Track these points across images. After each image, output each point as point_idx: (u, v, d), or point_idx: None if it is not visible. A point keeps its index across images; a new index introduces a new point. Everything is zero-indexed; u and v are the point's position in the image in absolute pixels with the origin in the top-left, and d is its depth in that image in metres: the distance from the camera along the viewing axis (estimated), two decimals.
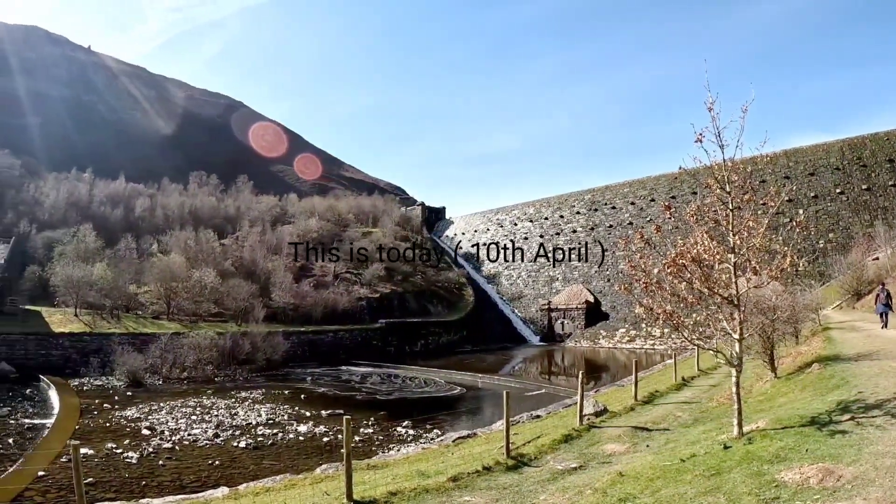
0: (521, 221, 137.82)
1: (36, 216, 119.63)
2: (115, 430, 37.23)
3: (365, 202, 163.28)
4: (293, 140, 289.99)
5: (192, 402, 46.86)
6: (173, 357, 63.69)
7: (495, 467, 15.66)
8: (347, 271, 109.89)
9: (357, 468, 15.56)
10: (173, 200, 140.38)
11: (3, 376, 59.58)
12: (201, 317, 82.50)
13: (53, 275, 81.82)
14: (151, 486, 25.64)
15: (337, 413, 41.66)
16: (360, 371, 70.51)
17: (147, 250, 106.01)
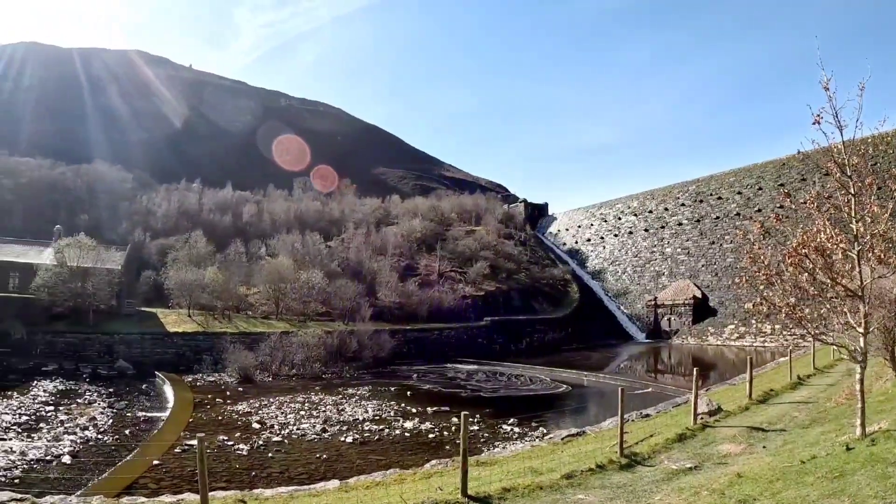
0: (625, 215, 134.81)
1: (149, 225, 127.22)
2: (227, 424, 38.36)
3: (467, 201, 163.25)
4: (391, 143, 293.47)
5: (301, 398, 47.88)
6: (282, 355, 65.34)
7: (609, 466, 15.26)
8: (452, 270, 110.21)
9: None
10: (279, 206, 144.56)
11: (122, 373, 63.04)
12: (309, 316, 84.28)
13: (167, 279, 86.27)
14: (261, 478, 26.29)
15: (443, 410, 41.78)
16: (465, 368, 70.60)
17: (255, 254, 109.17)
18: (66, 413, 41.45)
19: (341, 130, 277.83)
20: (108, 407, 44.33)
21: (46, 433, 35.12)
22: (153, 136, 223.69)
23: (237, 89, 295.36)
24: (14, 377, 57.51)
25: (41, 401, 46.03)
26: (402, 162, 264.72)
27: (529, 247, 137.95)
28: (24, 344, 68.78)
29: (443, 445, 32.04)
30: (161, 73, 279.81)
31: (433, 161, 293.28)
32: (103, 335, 71.53)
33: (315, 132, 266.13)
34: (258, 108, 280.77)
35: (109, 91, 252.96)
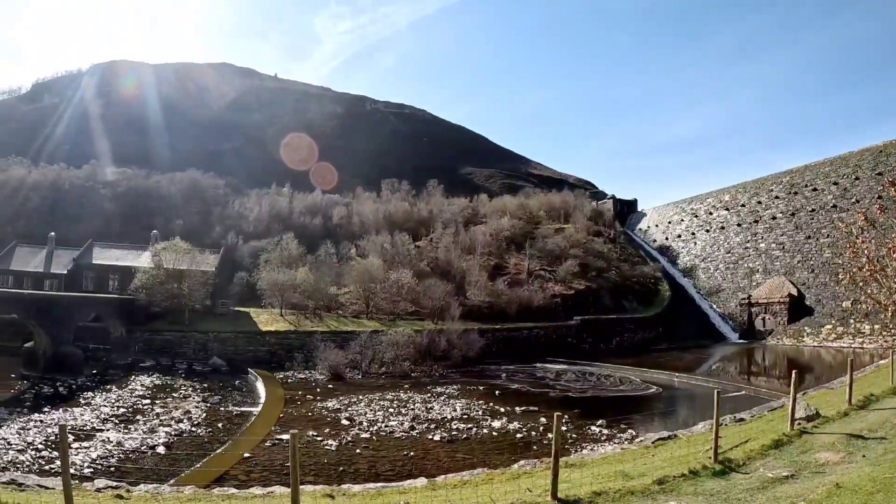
0: (717, 210, 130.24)
1: (241, 228, 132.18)
2: (317, 420, 38.96)
3: (555, 198, 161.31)
4: (477, 142, 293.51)
5: (390, 396, 48.32)
6: (372, 353, 66.07)
7: (702, 472, 14.68)
8: (541, 268, 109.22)
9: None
10: (367, 208, 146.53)
11: (216, 369, 65.26)
12: (399, 315, 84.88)
13: (260, 279, 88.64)
14: (348, 473, 26.61)
15: (531, 410, 41.41)
16: (554, 368, 69.79)
17: (345, 255, 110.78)
18: (162, 406, 42.97)
19: (427, 131, 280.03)
20: (202, 401, 45.85)
21: (143, 425, 36.44)
22: (243, 143, 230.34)
23: (322, 95, 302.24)
24: (113, 372, 60.31)
25: (138, 394, 47.95)
26: (488, 161, 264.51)
27: (619, 244, 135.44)
28: (123, 341, 72.00)
29: (530, 446, 31.71)
30: (248, 84, 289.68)
31: (520, 159, 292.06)
32: (198, 333, 74.13)
33: (401, 134, 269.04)
34: (344, 112, 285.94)
35: (199, 102, 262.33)
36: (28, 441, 31.84)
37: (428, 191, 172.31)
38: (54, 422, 36.32)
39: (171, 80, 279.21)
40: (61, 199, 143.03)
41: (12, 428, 34.52)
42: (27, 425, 35.28)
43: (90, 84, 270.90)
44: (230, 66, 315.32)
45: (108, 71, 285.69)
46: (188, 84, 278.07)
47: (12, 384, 52.11)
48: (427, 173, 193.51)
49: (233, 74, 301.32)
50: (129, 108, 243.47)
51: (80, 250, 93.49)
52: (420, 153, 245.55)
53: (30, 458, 28.79)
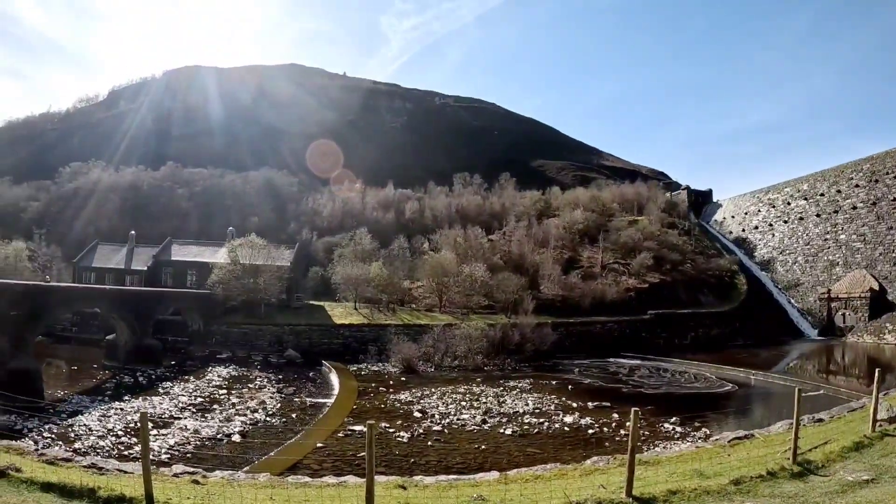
0: (795, 200, 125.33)
1: (315, 224, 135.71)
2: (389, 412, 39.34)
3: (628, 190, 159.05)
4: (548, 134, 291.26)
5: (462, 389, 48.39)
6: (445, 346, 66.22)
7: (779, 473, 14.21)
8: (615, 261, 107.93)
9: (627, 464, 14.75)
10: (440, 202, 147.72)
11: (291, 361, 66.50)
12: (472, 309, 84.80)
13: (334, 274, 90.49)
14: (419, 465, 26.81)
15: (603, 405, 40.93)
16: (627, 363, 68.83)
17: (419, 249, 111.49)
18: (238, 396, 44.07)
19: (497, 125, 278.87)
20: (277, 392, 46.85)
21: (219, 414, 37.44)
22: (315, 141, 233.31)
23: (392, 92, 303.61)
24: (191, 363, 62.31)
25: (215, 385, 49.34)
26: (559, 153, 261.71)
27: (694, 236, 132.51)
28: (201, 334, 74.32)
29: (602, 442, 31.40)
30: (318, 83, 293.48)
31: (591, 150, 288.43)
32: (274, 326, 75.88)
33: (471, 128, 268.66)
34: (414, 108, 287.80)
35: (271, 103, 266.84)
36: (108, 428, 33.10)
37: (500, 184, 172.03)
38: (134, 410, 37.61)
39: (243, 82, 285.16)
40: (140, 200, 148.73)
41: (94, 415, 35.96)
42: (108, 413, 36.66)
43: (164, 89, 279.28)
44: (299, 67, 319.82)
45: (181, 76, 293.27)
46: (259, 86, 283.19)
47: (95, 374, 54.45)
48: (499, 167, 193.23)
49: (303, 75, 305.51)
50: (202, 110, 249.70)
51: (160, 247, 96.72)
52: (491, 147, 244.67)
53: (109, 444, 29.91)
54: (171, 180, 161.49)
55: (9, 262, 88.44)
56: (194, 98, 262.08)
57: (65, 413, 36.89)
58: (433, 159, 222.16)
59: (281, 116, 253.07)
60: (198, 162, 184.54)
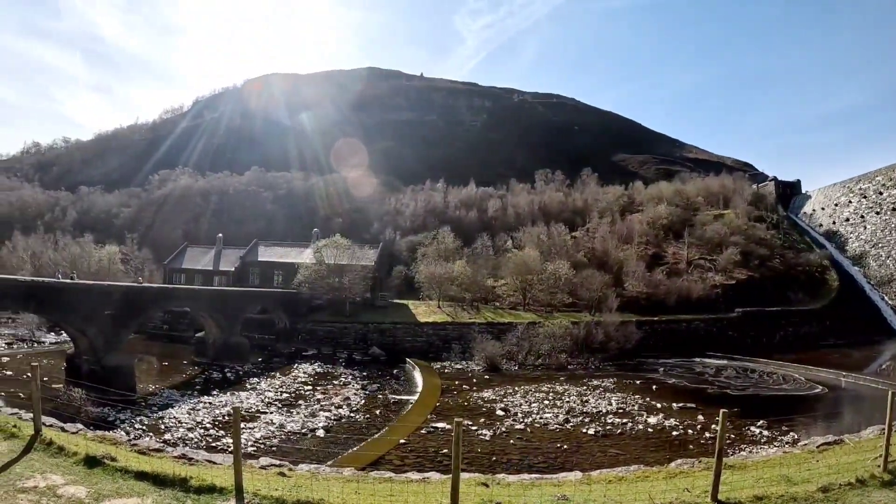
0: (887, 189, 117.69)
1: (398, 224, 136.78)
2: (472, 410, 39.62)
3: (713, 183, 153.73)
4: (629, 127, 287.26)
5: (545, 388, 48.27)
6: (528, 345, 66.18)
7: (869, 481, 13.68)
8: (700, 257, 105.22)
9: (713, 467, 14.48)
10: (522, 199, 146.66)
11: (375, 359, 67.68)
12: (555, 307, 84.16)
13: (417, 272, 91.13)
14: (500, 463, 26.95)
15: (688, 407, 40.25)
16: (713, 363, 67.28)
17: (502, 247, 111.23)
18: (323, 393, 45.05)
19: (577, 120, 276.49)
20: (361, 389, 47.71)
21: (304, 409, 38.40)
22: (396, 142, 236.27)
23: (469, 91, 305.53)
24: (278, 360, 64.05)
25: (301, 381, 50.52)
26: (641, 146, 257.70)
27: (782, 230, 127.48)
28: (287, 332, 76.16)
29: (686, 444, 30.96)
30: (396, 85, 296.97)
31: (674, 143, 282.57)
32: (358, 324, 77.18)
33: (551, 124, 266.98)
34: (492, 106, 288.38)
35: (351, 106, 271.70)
36: (197, 420, 34.41)
37: (582, 180, 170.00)
38: (222, 404, 39.00)
39: (323, 87, 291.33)
40: (226, 204, 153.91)
41: (183, 408, 37.47)
42: (196, 407, 38.14)
43: (244, 97, 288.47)
44: (377, 70, 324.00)
45: (261, 84, 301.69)
46: (337, 90, 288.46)
47: (184, 370, 56.59)
48: (580, 162, 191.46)
49: (380, 78, 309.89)
50: (282, 116, 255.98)
51: (246, 249, 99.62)
52: (571, 142, 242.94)
53: (198, 436, 31.13)
54: (256, 184, 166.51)
55: (103, 264, 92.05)
56: (274, 104, 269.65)
57: (155, 406, 38.58)
58: (514, 156, 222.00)
59: (360, 119, 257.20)
60: (281, 166, 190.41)
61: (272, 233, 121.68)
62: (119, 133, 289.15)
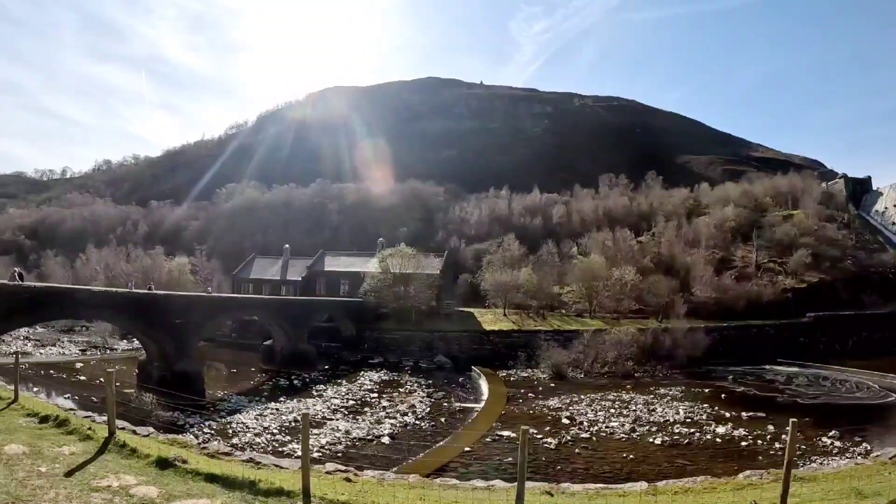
0: None
1: (463, 232, 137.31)
2: (537, 418, 39.52)
3: (780, 182, 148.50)
4: (693, 127, 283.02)
5: (612, 396, 47.87)
6: (595, 352, 65.48)
7: None
8: (770, 260, 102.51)
9: (781, 479, 14.19)
10: (586, 204, 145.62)
11: (441, 366, 68.02)
12: (622, 314, 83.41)
13: (483, 280, 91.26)
14: (565, 472, 26.81)
15: (758, 416, 39.40)
16: (784, 370, 65.58)
17: (567, 253, 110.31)
18: (389, 400, 45.53)
19: (639, 122, 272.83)
20: (427, 396, 48.07)
21: (370, 416, 38.88)
22: (458, 151, 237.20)
23: (530, 97, 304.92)
24: (344, 368, 64.78)
25: (366, 388, 51.20)
26: (706, 146, 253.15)
27: (854, 230, 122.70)
28: (353, 340, 77.37)
29: (755, 455, 30.38)
30: (456, 94, 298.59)
31: (739, 142, 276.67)
32: (424, 333, 77.85)
33: (612, 127, 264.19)
34: (553, 111, 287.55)
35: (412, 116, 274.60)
36: (264, 426, 35.15)
37: (646, 183, 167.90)
38: (289, 410, 39.81)
39: (383, 98, 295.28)
40: (292, 215, 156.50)
41: (251, 414, 38.32)
42: (263, 412, 38.96)
43: (308, 111, 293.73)
44: (436, 80, 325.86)
45: (323, 97, 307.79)
46: (401, 100, 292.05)
47: (252, 377, 58.06)
48: (643, 165, 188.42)
49: (440, 87, 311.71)
50: (344, 128, 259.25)
51: (313, 259, 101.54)
52: (634, 145, 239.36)
53: (265, 441, 31.86)
54: (321, 195, 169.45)
55: (173, 275, 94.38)
56: (336, 116, 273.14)
57: (224, 411, 39.57)
58: (577, 161, 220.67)
59: (423, 128, 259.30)
60: (345, 177, 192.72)
61: (338, 243, 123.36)
62: (186, 149, 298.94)
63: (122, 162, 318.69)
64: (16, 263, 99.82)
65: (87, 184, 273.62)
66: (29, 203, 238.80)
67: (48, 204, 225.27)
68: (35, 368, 53.94)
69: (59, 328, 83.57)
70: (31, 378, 48.28)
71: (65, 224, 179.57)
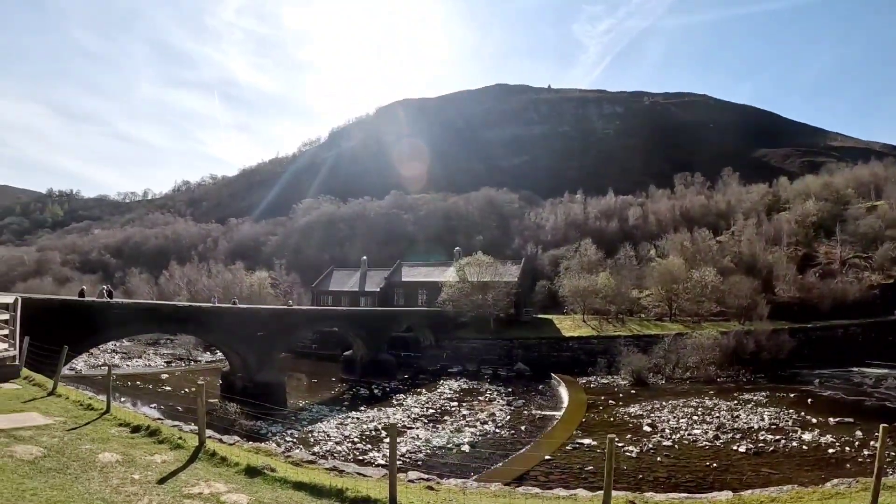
0: None
1: (539, 238, 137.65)
2: (618, 425, 39.12)
3: (862, 172, 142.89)
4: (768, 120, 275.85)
5: (694, 403, 46.90)
6: (676, 357, 64.37)
7: None
8: (855, 255, 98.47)
9: (871, 488, 13.78)
10: (663, 205, 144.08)
11: (520, 374, 68.03)
12: (703, 316, 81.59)
13: (561, 286, 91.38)
14: (647, 481, 26.49)
15: (845, 421, 38.15)
16: (873, 372, 62.78)
17: (645, 256, 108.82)
18: (468, 408, 45.74)
19: (711, 117, 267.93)
20: (507, 404, 48.20)
21: (449, 425, 39.21)
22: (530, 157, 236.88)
23: (599, 98, 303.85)
24: (424, 377, 65.44)
25: (446, 397, 51.56)
26: (782, 139, 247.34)
27: None
28: (432, 349, 77.84)
29: (843, 462, 29.52)
30: (525, 99, 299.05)
31: (816, 132, 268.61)
32: (503, 340, 77.88)
33: (684, 124, 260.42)
34: (624, 111, 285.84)
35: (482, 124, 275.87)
36: (345, 435, 35.86)
37: (723, 180, 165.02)
38: (369, 419, 40.47)
39: (453, 108, 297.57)
40: (368, 227, 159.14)
41: (331, 423, 39.10)
42: (344, 421, 39.73)
43: (378, 124, 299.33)
44: (504, 86, 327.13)
45: (392, 110, 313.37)
46: (469, 109, 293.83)
47: (333, 386, 59.30)
48: (719, 161, 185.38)
49: (508, 94, 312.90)
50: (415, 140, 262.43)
51: (390, 270, 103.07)
52: (708, 141, 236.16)
53: (345, 449, 32.45)
54: (397, 207, 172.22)
55: (254, 289, 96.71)
56: (408, 129, 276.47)
57: (305, 420, 40.49)
58: (650, 161, 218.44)
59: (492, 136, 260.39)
60: (418, 187, 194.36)
61: (414, 253, 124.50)
62: (261, 167, 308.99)
63: (201, 182, 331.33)
64: (103, 281, 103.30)
65: (167, 204, 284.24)
66: (113, 224, 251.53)
67: (131, 224, 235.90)
68: (122, 380, 55.86)
69: (145, 341, 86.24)
70: (119, 389, 49.99)
71: (148, 243, 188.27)
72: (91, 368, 62.84)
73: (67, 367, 27.09)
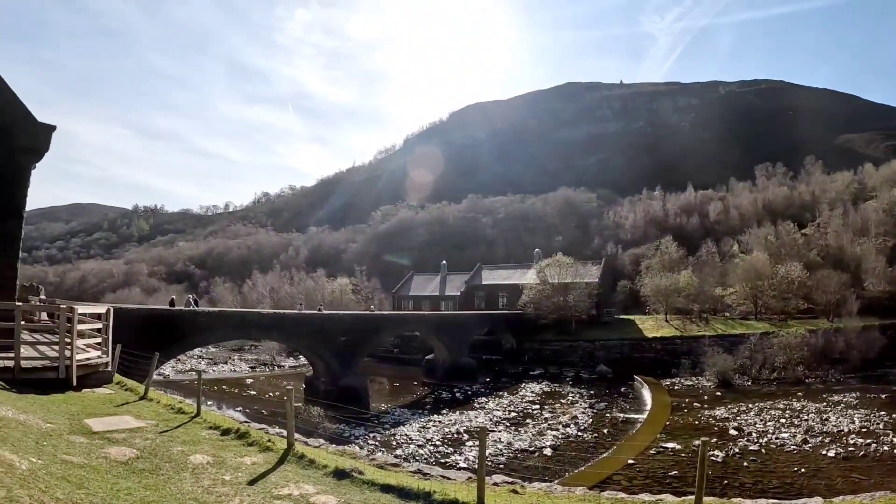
0: None
1: (619, 237, 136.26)
2: (703, 429, 38.38)
3: None
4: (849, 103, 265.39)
5: (781, 405, 45.62)
6: (762, 357, 62.20)
7: None
8: None
9: None
10: (744, 198, 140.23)
11: (602, 376, 67.39)
12: (789, 314, 78.30)
13: (642, 286, 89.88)
14: (732, 486, 25.97)
15: None
16: None
17: (727, 252, 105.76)
18: (550, 411, 45.66)
19: (789, 103, 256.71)
20: (589, 407, 47.89)
21: (532, 428, 39.21)
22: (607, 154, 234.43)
23: (672, 91, 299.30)
24: (505, 380, 65.59)
25: (528, 400, 51.55)
26: (865, 123, 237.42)
27: None
28: (513, 352, 77.82)
29: None
30: (598, 96, 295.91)
31: None
32: (584, 342, 77.50)
33: (762, 112, 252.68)
34: (698, 103, 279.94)
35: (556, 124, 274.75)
36: (427, 438, 36.36)
37: (805, 169, 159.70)
38: (451, 423, 40.91)
39: (525, 109, 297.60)
40: (447, 231, 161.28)
41: (414, 426, 39.70)
42: (426, 425, 40.22)
43: (452, 129, 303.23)
44: (576, 84, 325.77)
45: (466, 115, 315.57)
46: (542, 109, 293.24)
47: (414, 390, 59.96)
48: (800, 150, 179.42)
49: (580, 91, 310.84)
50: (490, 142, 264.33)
51: (470, 273, 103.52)
52: (787, 129, 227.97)
53: (427, 452, 32.89)
54: (474, 210, 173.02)
55: (336, 295, 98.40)
56: (482, 132, 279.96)
57: (387, 424, 41.11)
58: (729, 153, 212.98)
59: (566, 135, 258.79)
60: (496, 190, 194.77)
61: (494, 256, 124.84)
62: (339, 176, 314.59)
63: (280, 193, 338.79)
64: (188, 291, 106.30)
65: (248, 216, 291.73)
66: (196, 236, 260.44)
67: (214, 236, 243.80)
68: (209, 384, 57.34)
69: (230, 347, 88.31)
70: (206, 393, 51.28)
71: (231, 253, 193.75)
72: (178, 374, 64.72)
73: (156, 373, 28.09)
